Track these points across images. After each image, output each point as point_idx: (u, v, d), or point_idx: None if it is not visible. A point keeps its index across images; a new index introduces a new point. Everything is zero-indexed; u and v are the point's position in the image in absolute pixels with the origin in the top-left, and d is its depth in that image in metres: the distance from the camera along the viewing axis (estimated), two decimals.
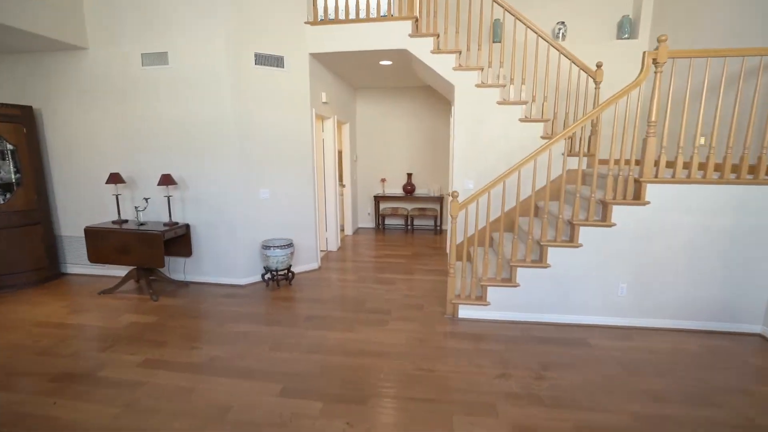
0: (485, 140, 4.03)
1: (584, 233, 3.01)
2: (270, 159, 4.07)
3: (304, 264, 4.51)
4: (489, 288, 3.19)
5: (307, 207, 4.42)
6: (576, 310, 3.14)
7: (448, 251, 5.32)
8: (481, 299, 3.24)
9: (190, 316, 3.35)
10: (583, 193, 3.25)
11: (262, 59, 3.85)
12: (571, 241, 3.05)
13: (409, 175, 6.51)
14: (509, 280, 3.18)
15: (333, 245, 5.42)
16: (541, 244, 3.06)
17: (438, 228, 6.64)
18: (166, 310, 3.46)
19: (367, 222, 7.06)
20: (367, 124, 6.74)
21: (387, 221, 6.95)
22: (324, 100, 4.69)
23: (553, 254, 3.07)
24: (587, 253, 3.04)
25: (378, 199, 6.64)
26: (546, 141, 3.88)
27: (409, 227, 6.80)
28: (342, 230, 6.50)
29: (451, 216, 3.11)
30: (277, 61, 3.94)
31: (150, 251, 3.59)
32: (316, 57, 4.29)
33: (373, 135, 6.75)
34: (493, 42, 4.24)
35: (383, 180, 6.74)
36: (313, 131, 4.33)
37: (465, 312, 3.27)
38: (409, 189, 6.49)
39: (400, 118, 6.62)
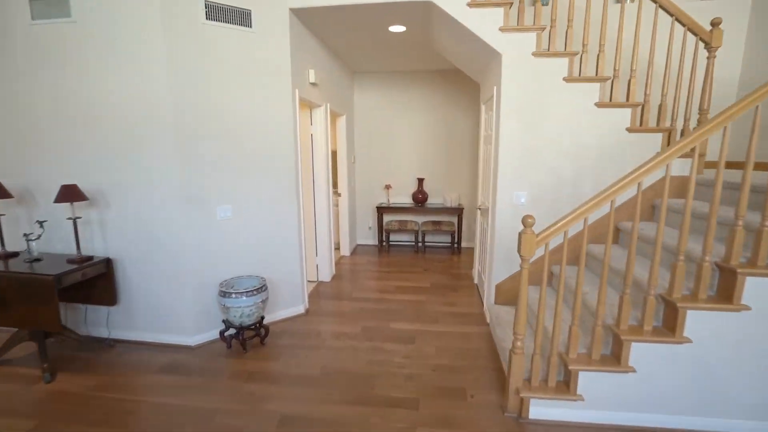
0: (545, 133, 2.79)
1: (751, 288, 1.78)
2: (232, 160, 2.78)
3: (284, 308, 3.22)
4: (581, 373, 1.95)
5: (289, 227, 3.14)
6: (731, 411, 1.90)
7: (475, 281, 4.09)
8: (566, 390, 1.98)
9: (91, 419, 2.05)
10: (748, 220, 1.98)
11: (217, 12, 2.57)
12: (725, 299, 1.81)
13: (420, 181, 5.25)
14: (616, 362, 1.93)
15: (325, 274, 4.14)
16: (679, 306, 1.82)
17: (456, 246, 5.38)
18: (57, 404, 2.15)
19: (368, 238, 5.78)
20: (368, 118, 5.45)
21: (393, 237, 5.67)
22: (312, 79, 3.41)
23: (694, 321, 1.84)
24: (754, 321, 1.80)
25: (381, 211, 5.36)
26: (634, 133, 2.68)
27: (419, 244, 5.53)
28: (337, 249, 5.22)
29: (521, 257, 1.85)
30: (240, 17, 2.66)
31: (36, 307, 2.28)
32: (300, 15, 3.02)
33: (375, 131, 5.47)
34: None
35: (388, 187, 5.46)
36: (296, 121, 3.06)
37: (540, 410, 2.01)
38: (420, 198, 5.23)
39: (410, 110, 5.35)
